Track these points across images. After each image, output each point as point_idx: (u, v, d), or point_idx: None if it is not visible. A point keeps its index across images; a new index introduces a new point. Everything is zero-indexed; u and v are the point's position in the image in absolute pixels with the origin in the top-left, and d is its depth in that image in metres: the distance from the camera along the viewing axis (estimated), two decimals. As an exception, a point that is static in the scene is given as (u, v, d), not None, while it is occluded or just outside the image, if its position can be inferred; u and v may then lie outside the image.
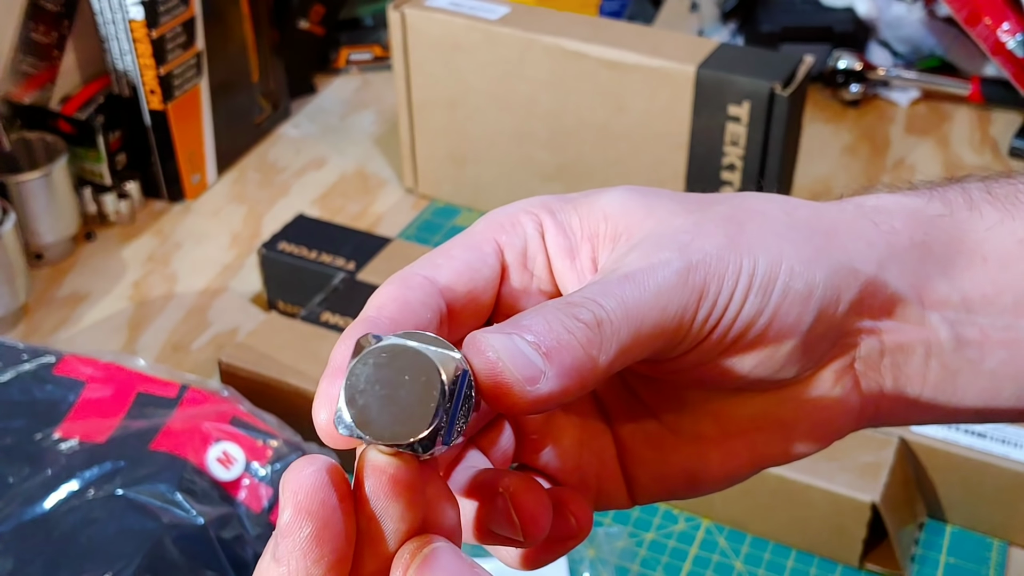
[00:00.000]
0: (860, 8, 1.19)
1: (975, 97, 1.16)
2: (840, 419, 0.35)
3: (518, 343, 0.29)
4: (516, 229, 0.35)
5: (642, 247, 0.33)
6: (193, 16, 0.98)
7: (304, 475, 0.27)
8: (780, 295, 0.32)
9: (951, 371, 0.35)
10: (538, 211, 0.35)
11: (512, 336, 0.29)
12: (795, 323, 0.33)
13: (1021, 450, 0.68)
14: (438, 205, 1.01)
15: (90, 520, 0.60)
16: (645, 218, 0.34)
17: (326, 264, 0.85)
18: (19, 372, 0.68)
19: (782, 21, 1.18)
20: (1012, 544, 0.70)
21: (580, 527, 0.34)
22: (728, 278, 0.32)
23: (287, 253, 0.87)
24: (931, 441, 0.69)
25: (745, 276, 0.32)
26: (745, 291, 0.32)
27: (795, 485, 0.68)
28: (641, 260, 0.32)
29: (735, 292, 0.32)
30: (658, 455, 0.37)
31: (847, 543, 0.68)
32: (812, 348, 0.34)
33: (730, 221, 0.33)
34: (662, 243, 0.32)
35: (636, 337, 0.31)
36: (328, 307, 0.80)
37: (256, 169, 1.09)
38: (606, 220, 0.34)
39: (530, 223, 0.35)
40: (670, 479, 0.37)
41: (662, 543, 0.70)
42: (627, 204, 0.35)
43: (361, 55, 1.25)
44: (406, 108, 0.98)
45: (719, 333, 0.33)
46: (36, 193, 0.91)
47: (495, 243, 0.35)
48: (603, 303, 0.31)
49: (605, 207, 0.35)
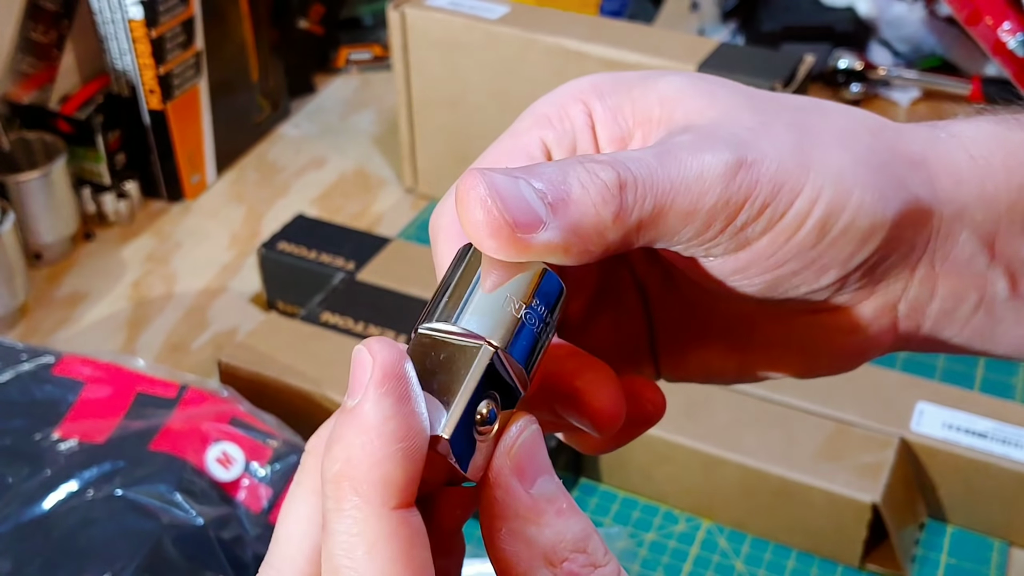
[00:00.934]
0: (861, 8, 1.19)
1: (976, 97, 1.16)
2: (869, 352, 0.33)
3: (522, 187, 0.27)
4: (564, 123, 0.32)
5: (695, 131, 0.29)
6: (192, 16, 0.98)
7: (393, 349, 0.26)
8: (839, 231, 0.29)
9: (995, 320, 0.33)
10: (587, 96, 0.32)
11: (518, 180, 0.27)
12: (845, 258, 0.30)
13: (1022, 450, 0.68)
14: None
15: (89, 520, 0.59)
16: (706, 107, 0.30)
17: (326, 264, 0.85)
18: (18, 372, 0.68)
19: (783, 20, 1.18)
20: (1013, 545, 0.70)
21: (656, 411, 0.33)
22: (784, 193, 0.29)
23: (287, 253, 0.86)
24: (932, 441, 0.69)
25: (805, 201, 0.29)
26: (801, 218, 0.29)
27: (796, 486, 0.68)
28: (689, 143, 0.29)
29: (787, 214, 0.29)
30: (682, 347, 0.35)
31: (848, 543, 0.68)
32: (855, 281, 0.31)
33: (804, 129, 0.30)
34: (717, 132, 0.29)
35: (660, 216, 0.28)
36: (328, 307, 0.80)
37: (255, 169, 1.09)
38: (661, 105, 0.31)
39: (579, 113, 0.32)
40: (687, 371, 0.36)
41: (662, 543, 0.70)
42: (687, 90, 0.31)
43: (361, 55, 1.25)
44: (406, 108, 0.98)
45: (756, 249, 0.30)
46: (35, 193, 0.91)
47: (541, 144, 0.32)
48: (632, 167, 0.28)
49: (662, 91, 0.31)
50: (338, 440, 0.26)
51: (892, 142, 0.31)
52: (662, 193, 0.28)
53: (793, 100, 0.31)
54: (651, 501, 0.73)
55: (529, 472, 0.27)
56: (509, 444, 0.27)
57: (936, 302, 0.33)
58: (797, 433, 0.70)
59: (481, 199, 0.27)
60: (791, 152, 0.29)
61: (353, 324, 0.78)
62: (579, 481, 0.74)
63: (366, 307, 0.79)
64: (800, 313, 0.33)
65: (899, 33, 1.20)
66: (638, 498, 0.73)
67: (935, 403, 0.72)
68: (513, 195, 0.27)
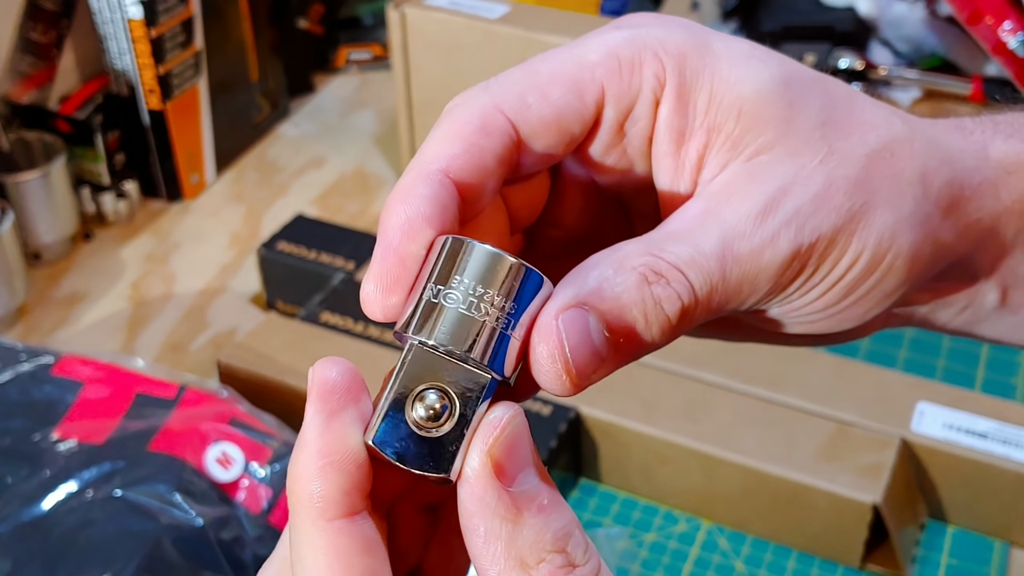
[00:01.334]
0: (861, 7, 1.19)
1: (977, 96, 1.16)
2: (865, 334, 0.35)
3: (592, 329, 0.27)
4: (632, 81, 0.30)
5: (757, 195, 0.29)
6: (192, 15, 0.98)
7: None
8: (863, 293, 0.31)
9: (978, 320, 0.34)
10: (667, 60, 0.30)
11: (587, 316, 0.27)
12: (862, 313, 0.32)
13: (1023, 451, 0.68)
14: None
15: (88, 521, 0.59)
16: (780, 137, 0.30)
17: (325, 264, 0.85)
18: (17, 372, 0.68)
19: (783, 20, 1.18)
20: (1014, 545, 0.70)
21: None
22: (826, 263, 0.30)
23: (286, 253, 0.86)
24: (932, 442, 0.69)
25: (842, 267, 0.30)
26: (834, 282, 0.30)
27: (796, 486, 0.67)
28: (752, 218, 0.29)
29: (824, 280, 0.30)
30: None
31: (848, 544, 0.68)
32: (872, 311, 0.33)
33: (862, 187, 0.30)
34: (779, 206, 0.29)
35: (709, 315, 0.29)
36: (327, 307, 0.80)
37: (255, 169, 1.09)
38: (738, 119, 0.30)
39: (650, 77, 0.30)
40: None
41: (663, 544, 0.70)
42: (767, 100, 0.30)
43: (360, 54, 1.25)
44: (406, 107, 0.98)
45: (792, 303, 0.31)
46: (34, 193, 0.91)
47: (601, 92, 0.30)
48: (697, 287, 0.28)
49: (744, 96, 0.30)
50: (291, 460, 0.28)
51: (938, 192, 0.31)
52: (717, 302, 0.29)
53: (869, 138, 0.31)
54: (651, 502, 0.73)
55: (509, 469, 0.27)
56: (485, 439, 0.27)
57: (928, 306, 0.34)
58: (797, 433, 0.70)
59: (553, 353, 0.27)
60: (844, 222, 0.30)
61: (353, 324, 0.78)
62: (579, 481, 0.74)
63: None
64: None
65: (900, 33, 1.20)
66: (638, 499, 0.73)
67: (936, 403, 0.71)
68: (583, 345, 0.27)
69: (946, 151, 0.32)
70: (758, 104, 0.30)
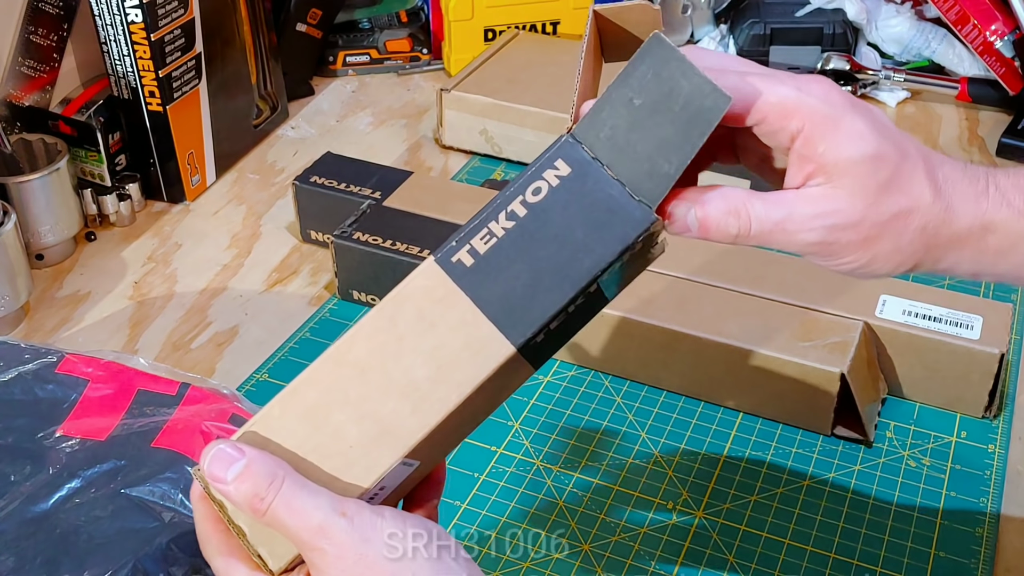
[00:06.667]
0: (850, 10, 1.20)
1: (963, 97, 1.17)
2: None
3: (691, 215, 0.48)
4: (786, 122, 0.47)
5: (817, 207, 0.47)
6: (192, 19, 0.99)
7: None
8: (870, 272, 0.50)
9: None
10: (807, 120, 0.47)
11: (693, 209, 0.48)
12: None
13: (972, 331, 0.76)
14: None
15: (91, 518, 0.60)
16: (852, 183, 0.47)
17: (355, 193, 0.92)
18: (21, 371, 0.68)
19: (772, 23, 1.19)
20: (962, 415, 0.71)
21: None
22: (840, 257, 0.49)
23: (319, 184, 0.94)
24: (892, 324, 0.78)
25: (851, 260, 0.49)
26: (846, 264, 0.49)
27: (773, 360, 0.76)
28: (806, 218, 0.47)
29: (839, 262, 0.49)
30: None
31: (820, 412, 0.76)
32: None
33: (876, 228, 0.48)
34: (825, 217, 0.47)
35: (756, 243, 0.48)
36: (359, 228, 0.89)
37: (255, 170, 1.10)
38: (835, 166, 0.47)
39: (798, 122, 0.47)
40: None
41: (662, 426, 0.77)
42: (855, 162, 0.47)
43: (358, 57, 1.26)
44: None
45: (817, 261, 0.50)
46: (37, 194, 0.91)
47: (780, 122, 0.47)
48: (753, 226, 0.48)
49: (840, 158, 0.47)
50: None
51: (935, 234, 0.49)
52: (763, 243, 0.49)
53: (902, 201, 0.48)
54: (648, 384, 0.81)
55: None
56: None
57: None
58: (774, 320, 0.78)
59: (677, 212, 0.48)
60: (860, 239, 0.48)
61: (382, 241, 0.87)
62: (575, 368, 0.82)
63: (393, 228, 0.89)
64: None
65: (887, 35, 1.21)
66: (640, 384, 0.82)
67: (897, 296, 0.79)
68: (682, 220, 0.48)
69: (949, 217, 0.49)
70: (848, 164, 0.47)
